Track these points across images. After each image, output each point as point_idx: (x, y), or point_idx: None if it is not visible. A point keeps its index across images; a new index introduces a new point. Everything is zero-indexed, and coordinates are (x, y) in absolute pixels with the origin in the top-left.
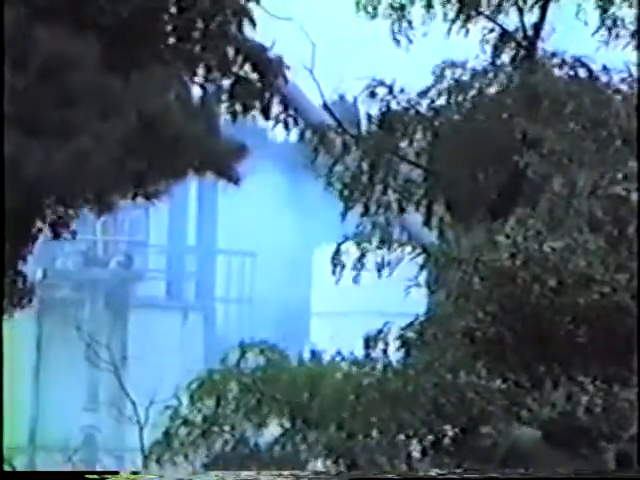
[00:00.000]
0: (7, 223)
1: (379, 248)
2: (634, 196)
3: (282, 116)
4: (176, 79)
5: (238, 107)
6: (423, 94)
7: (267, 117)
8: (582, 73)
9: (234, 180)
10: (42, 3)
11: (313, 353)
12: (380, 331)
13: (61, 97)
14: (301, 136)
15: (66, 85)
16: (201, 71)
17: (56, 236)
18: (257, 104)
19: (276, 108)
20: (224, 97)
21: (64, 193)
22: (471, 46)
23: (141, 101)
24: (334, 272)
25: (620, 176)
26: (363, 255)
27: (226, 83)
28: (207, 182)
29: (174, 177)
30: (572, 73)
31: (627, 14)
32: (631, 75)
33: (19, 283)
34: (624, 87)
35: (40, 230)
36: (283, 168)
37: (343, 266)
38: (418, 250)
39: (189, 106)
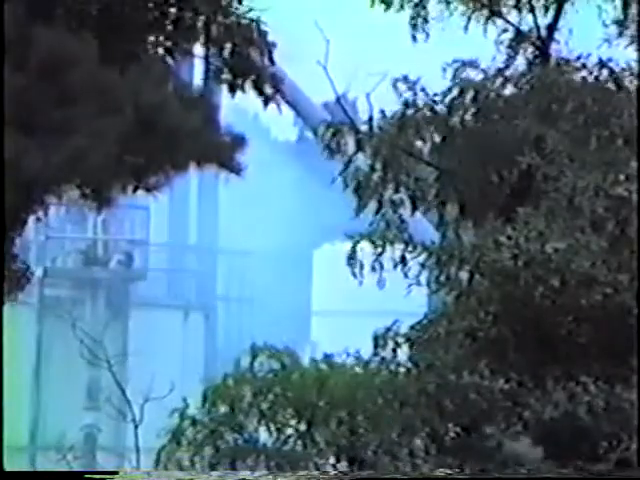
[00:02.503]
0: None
1: (393, 244)
2: (636, 197)
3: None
4: (173, 72)
5: (229, 78)
6: (438, 95)
7: (261, 93)
8: (603, 76)
9: (236, 171)
10: (39, 1)
11: (325, 356)
12: (388, 329)
13: (58, 94)
14: (315, 133)
15: (63, 82)
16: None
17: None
18: (250, 78)
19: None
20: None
21: (60, 189)
22: (485, 46)
23: (138, 94)
24: (353, 273)
25: (622, 177)
26: (381, 253)
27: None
28: (208, 181)
29: (175, 169)
30: (595, 75)
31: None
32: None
33: (12, 265)
34: (628, 85)
35: (29, 214)
36: (284, 167)
37: (362, 266)
38: (419, 249)
39: (187, 98)
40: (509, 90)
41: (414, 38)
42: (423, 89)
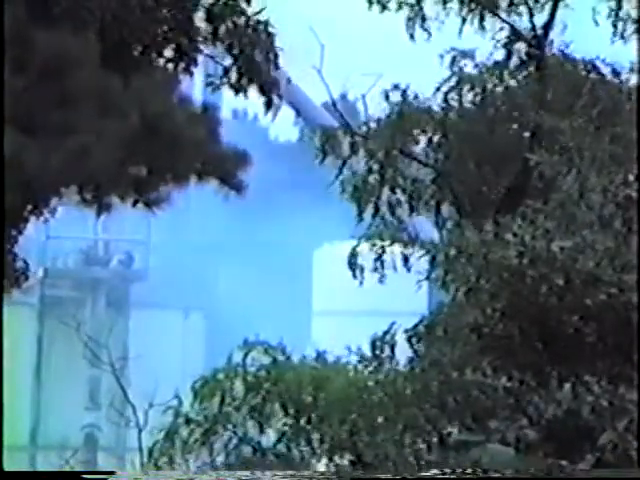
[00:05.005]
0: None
1: (394, 244)
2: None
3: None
4: (177, 81)
5: (234, 79)
6: (434, 92)
7: (264, 93)
8: (593, 75)
9: (237, 188)
10: (42, 3)
11: (318, 354)
12: (386, 332)
13: (60, 97)
14: (309, 136)
15: (65, 85)
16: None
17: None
18: (256, 82)
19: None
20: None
21: (61, 191)
22: (481, 45)
23: (141, 102)
24: (354, 275)
25: (631, 177)
26: (382, 254)
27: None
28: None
29: (175, 182)
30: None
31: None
32: None
33: (13, 263)
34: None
35: (31, 212)
36: (284, 167)
37: (362, 268)
38: (426, 247)
39: (190, 110)
40: (507, 85)
41: (412, 37)
42: (416, 96)
